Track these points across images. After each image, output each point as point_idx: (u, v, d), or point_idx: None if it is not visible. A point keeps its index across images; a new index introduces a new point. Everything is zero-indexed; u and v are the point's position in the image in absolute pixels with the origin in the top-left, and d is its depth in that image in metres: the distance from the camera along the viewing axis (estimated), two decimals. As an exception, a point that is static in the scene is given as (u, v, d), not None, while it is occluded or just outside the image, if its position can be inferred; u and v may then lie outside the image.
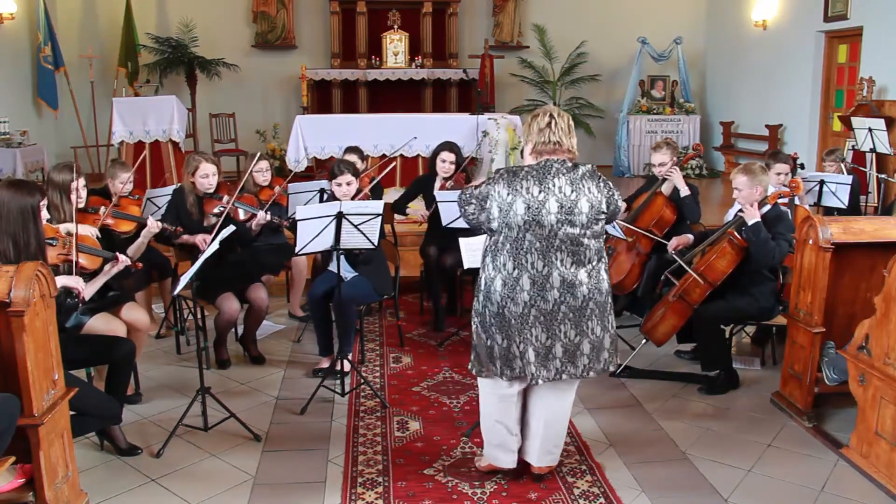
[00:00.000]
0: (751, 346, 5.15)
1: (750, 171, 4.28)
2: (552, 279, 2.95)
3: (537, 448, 3.28)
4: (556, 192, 2.94)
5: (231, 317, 4.57)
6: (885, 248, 3.71)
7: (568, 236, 2.95)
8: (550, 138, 2.99)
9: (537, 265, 2.95)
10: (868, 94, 7.92)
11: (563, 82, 11.88)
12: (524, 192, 2.94)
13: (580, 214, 2.95)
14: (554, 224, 2.93)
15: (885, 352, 3.33)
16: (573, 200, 2.95)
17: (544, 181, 2.95)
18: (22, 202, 3.11)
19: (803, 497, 3.24)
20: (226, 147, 10.75)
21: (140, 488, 3.30)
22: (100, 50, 10.85)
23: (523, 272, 2.96)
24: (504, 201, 2.95)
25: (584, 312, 3.00)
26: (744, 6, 10.97)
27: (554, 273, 2.95)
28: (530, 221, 2.93)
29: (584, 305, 2.99)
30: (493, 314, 3.03)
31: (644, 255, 5.04)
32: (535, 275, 2.95)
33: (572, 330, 3.00)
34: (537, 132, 3.01)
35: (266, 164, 5.44)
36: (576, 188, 2.96)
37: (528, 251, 2.94)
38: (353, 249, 4.27)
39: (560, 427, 3.28)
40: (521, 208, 2.93)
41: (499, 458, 3.31)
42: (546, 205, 2.92)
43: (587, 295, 2.99)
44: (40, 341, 2.78)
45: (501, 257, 2.99)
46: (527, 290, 2.95)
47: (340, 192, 4.61)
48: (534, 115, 3.07)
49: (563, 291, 2.96)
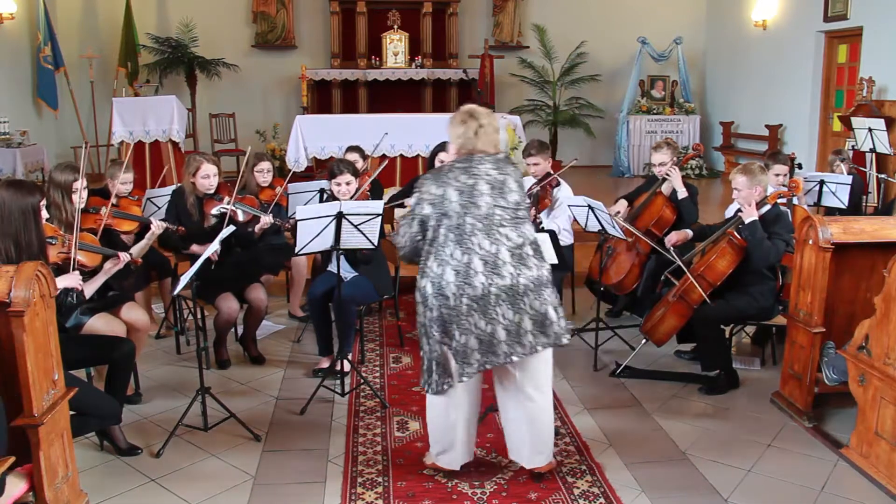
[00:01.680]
0: (751, 346, 5.15)
1: (749, 172, 4.29)
2: (502, 255, 3.02)
3: (527, 452, 3.28)
4: (484, 175, 3.07)
5: (230, 317, 4.57)
6: (885, 248, 3.71)
7: (506, 213, 3.06)
8: (476, 144, 3.10)
9: (484, 245, 3.02)
10: (868, 94, 7.92)
11: (563, 82, 11.88)
12: (453, 181, 3.06)
13: (510, 192, 3.08)
14: (489, 203, 3.04)
15: (885, 352, 3.33)
16: (500, 180, 3.08)
17: (470, 168, 3.08)
18: (22, 202, 3.11)
19: (803, 497, 3.24)
20: (226, 147, 10.76)
21: (140, 488, 3.30)
22: (100, 50, 10.85)
23: (473, 255, 3.01)
24: (435, 196, 3.06)
25: (541, 282, 3.09)
26: (744, 6, 10.97)
27: (502, 249, 3.03)
28: (466, 204, 3.03)
29: (538, 276, 3.07)
30: (449, 311, 3.01)
31: (644, 255, 5.04)
32: (485, 254, 3.01)
33: (536, 300, 3.05)
34: (461, 136, 3.13)
35: (268, 165, 5.43)
36: (501, 170, 3.11)
37: (471, 234, 3.02)
38: (352, 249, 4.27)
39: (543, 426, 3.25)
40: (454, 195, 3.04)
41: (441, 458, 3.34)
42: (477, 186, 3.04)
43: (538, 265, 3.09)
44: (40, 341, 2.78)
45: (447, 249, 3.03)
46: (481, 272, 3.00)
47: (340, 191, 4.62)
48: (460, 120, 3.14)
49: (515, 265, 3.03)
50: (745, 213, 4.22)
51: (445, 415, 3.24)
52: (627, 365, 4.58)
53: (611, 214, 4.70)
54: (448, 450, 3.30)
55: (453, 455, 3.31)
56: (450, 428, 3.26)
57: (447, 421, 3.25)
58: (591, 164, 11.83)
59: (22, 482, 2.73)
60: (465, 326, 3.00)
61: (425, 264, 3.09)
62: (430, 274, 3.06)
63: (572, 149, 11.19)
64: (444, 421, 3.26)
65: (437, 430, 3.30)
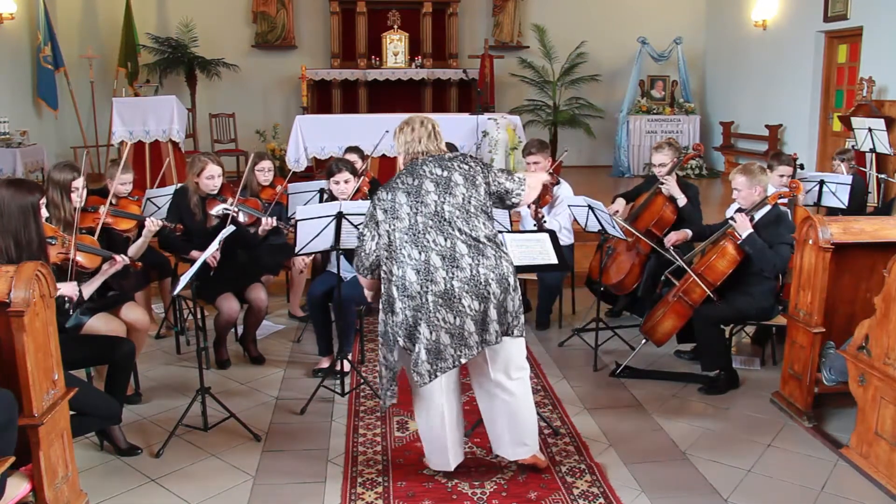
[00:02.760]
0: (751, 346, 5.15)
1: (749, 172, 4.29)
2: (458, 248, 3.04)
3: (507, 443, 3.30)
4: (428, 174, 3.13)
5: (231, 317, 4.57)
6: (885, 248, 3.71)
7: (455, 208, 3.08)
8: (417, 148, 3.19)
9: (439, 241, 3.05)
10: (868, 94, 7.92)
11: (563, 82, 11.88)
12: (400, 185, 3.14)
13: (457, 186, 3.11)
14: (436, 200, 3.08)
15: (885, 352, 3.33)
16: (445, 177, 3.12)
17: (415, 171, 3.15)
18: (22, 201, 3.11)
19: (803, 497, 3.24)
20: (226, 147, 10.75)
21: (140, 488, 3.30)
22: (100, 50, 10.85)
23: (430, 252, 3.04)
24: (386, 201, 3.13)
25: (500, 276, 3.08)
26: (744, 6, 10.97)
27: (458, 243, 3.05)
28: (414, 204, 3.08)
29: (497, 267, 3.07)
30: (416, 311, 3.02)
31: (644, 255, 5.04)
32: (442, 249, 3.04)
33: (498, 288, 3.06)
34: (405, 143, 3.21)
35: (269, 164, 5.45)
36: (446, 167, 3.14)
37: (424, 232, 3.05)
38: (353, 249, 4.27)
39: (521, 416, 3.26)
40: (402, 197, 3.10)
41: (434, 462, 3.36)
42: (423, 186, 3.10)
43: (495, 254, 3.09)
44: (40, 341, 2.78)
45: (405, 250, 3.06)
46: (441, 267, 3.02)
47: (338, 189, 4.62)
48: (399, 129, 3.26)
49: (472, 256, 3.04)
50: (739, 226, 4.21)
51: (430, 420, 3.28)
52: (627, 365, 4.58)
53: (611, 214, 4.70)
54: (439, 453, 3.32)
55: (445, 458, 3.33)
56: (437, 434, 3.28)
57: (433, 425, 3.28)
58: (591, 164, 11.84)
59: (25, 482, 2.73)
60: (434, 323, 3.01)
61: (388, 272, 3.11)
62: (392, 278, 3.09)
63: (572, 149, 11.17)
64: (430, 426, 3.29)
65: (427, 436, 3.34)
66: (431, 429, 3.29)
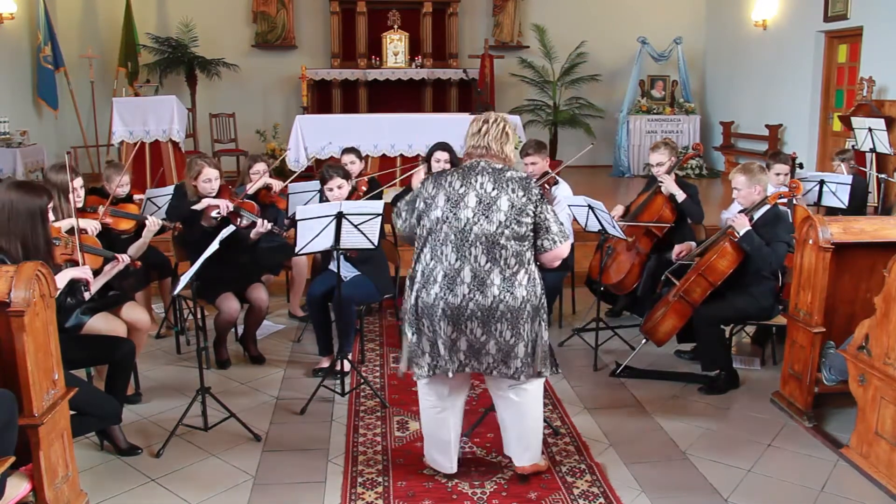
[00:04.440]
0: (751, 346, 5.15)
1: (748, 171, 4.29)
2: (463, 274, 2.99)
3: (514, 443, 3.29)
4: (478, 187, 3.00)
5: (231, 317, 4.57)
6: (885, 248, 3.71)
7: (483, 233, 2.97)
8: (480, 142, 3.08)
9: (450, 258, 3.00)
10: (868, 94, 7.92)
11: (563, 82, 11.87)
12: (446, 186, 3.04)
13: (498, 212, 2.97)
14: (470, 218, 2.98)
15: (885, 352, 3.33)
16: (493, 197, 2.98)
17: (467, 177, 3.03)
18: (31, 204, 3.11)
19: (803, 497, 3.24)
20: (226, 147, 10.76)
21: (140, 488, 3.30)
22: (100, 50, 10.85)
23: (438, 264, 3.02)
24: (429, 195, 3.07)
25: (493, 313, 2.99)
26: (744, 6, 10.97)
27: (465, 268, 2.99)
28: (448, 213, 3.00)
29: (493, 306, 2.99)
30: (412, 307, 3.11)
31: (644, 255, 5.04)
32: (448, 268, 3.01)
33: (479, 328, 3.01)
34: (470, 136, 3.12)
35: (263, 167, 5.44)
36: (498, 187, 2.99)
37: (444, 243, 3.01)
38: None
39: (527, 425, 3.25)
40: (441, 200, 3.03)
41: (436, 460, 3.35)
42: (465, 198, 3.00)
43: (497, 296, 2.98)
44: (40, 341, 2.78)
45: (426, 249, 3.07)
46: (439, 283, 3.01)
47: (332, 196, 4.62)
48: (472, 121, 3.16)
49: (472, 287, 2.98)
50: (737, 224, 4.21)
51: (436, 418, 3.27)
52: (627, 365, 4.58)
53: (611, 214, 4.70)
54: (442, 453, 3.32)
55: (448, 458, 3.32)
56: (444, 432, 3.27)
57: (439, 423, 3.27)
58: (591, 164, 11.84)
59: (25, 482, 2.73)
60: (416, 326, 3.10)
61: (417, 252, 3.15)
62: (418, 263, 3.13)
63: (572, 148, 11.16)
64: (436, 423, 3.28)
65: (431, 435, 3.33)
66: (438, 425, 3.27)
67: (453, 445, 3.31)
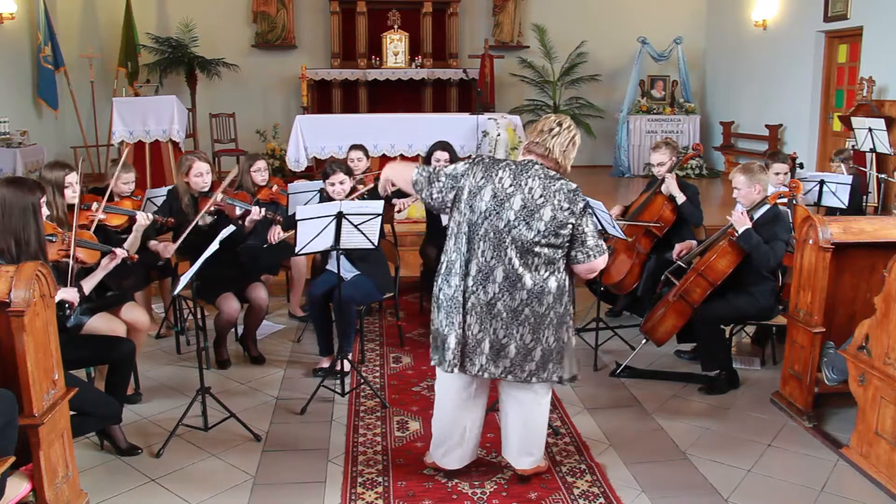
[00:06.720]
0: (751, 346, 5.15)
1: (748, 171, 4.29)
2: (496, 273, 2.96)
3: (514, 451, 3.27)
4: (526, 191, 2.94)
5: (231, 317, 4.57)
6: (885, 248, 3.71)
7: (521, 237, 2.93)
8: (545, 142, 3.00)
9: (487, 254, 2.96)
10: (868, 94, 7.91)
11: (563, 82, 11.87)
12: (496, 181, 2.96)
13: (539, 221, 2.92)
14: (511, 220, 2.93)
15: (885, 352, 3.33)
16: (538, 205, 2.93)
17: (519, 177, 2.96)
18: (23, 200, 3.12)
19: (803, 497, 3.24)
20: (226, 147, 10.76)
21: (140, 488, 3.30)
22: (100, 50, 10.85)
23: (473, 257, 2.98)
24: (476, 184, 2.98)
25: (517, 316, 2.98)
26: (744, 6, 10.97)
27: (499, 268, 2.96)
28: (491, 210, 2.94)
29: (519, 309, 2.98)
30: (435, 297, 3.10)
31: (644, 255, 5.04)
32: (483, 263, 2.97)
33: (502, 330, 3.00)
34: (538, 132, 3.03)
35: (263, 164, 5.46)
36: (546, 195, 2.94)
37: (482, 238, 2.96)
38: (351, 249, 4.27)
39: (533, 427, 3.24)
40: (489, 195, 2.95)
41: (445, 458, 3.32)
42: (511, 199, 2.93)
43: (525, 300, 2.97)
44: (40, 341, 2.78)
45: (460, 238, 3.00)
46: (472, 276, 2.97)
47: (334, 190, 4.63)
48: (545, 117, 3.10)
49: (503, 288, 2.96)
50: (737, 222, 4.21)
51: (454, 414, 3.23)
52: (627, 365, 4.58)
53: (611, 214, 4.70)
54: (455, 448, 3.28)
55: (458, 453, 3.29)
56: (457, 429, 3.24)
57: (455, 420, 3.23)
58: (591, 164, 11.84)
59: (25, 482, 2.73)
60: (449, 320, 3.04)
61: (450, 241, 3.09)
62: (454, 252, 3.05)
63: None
64: (451, 420, 3.24)
65: (444, 430, 3.28)
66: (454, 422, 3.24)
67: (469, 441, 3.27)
